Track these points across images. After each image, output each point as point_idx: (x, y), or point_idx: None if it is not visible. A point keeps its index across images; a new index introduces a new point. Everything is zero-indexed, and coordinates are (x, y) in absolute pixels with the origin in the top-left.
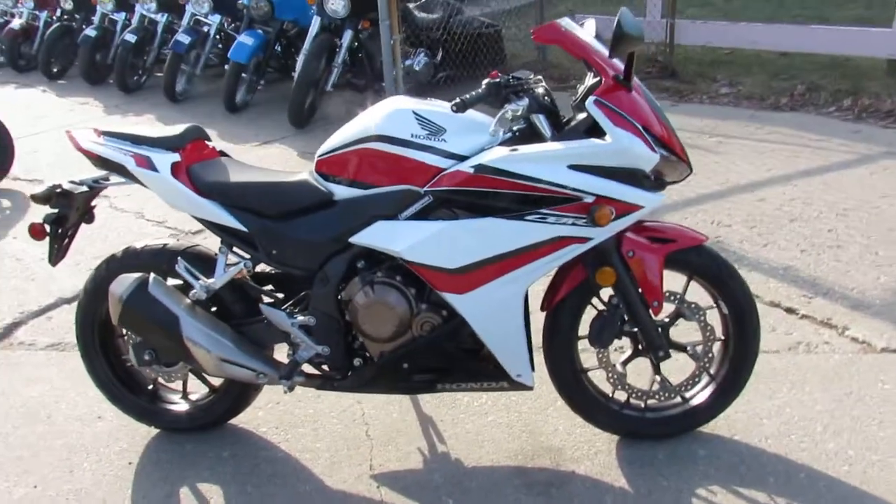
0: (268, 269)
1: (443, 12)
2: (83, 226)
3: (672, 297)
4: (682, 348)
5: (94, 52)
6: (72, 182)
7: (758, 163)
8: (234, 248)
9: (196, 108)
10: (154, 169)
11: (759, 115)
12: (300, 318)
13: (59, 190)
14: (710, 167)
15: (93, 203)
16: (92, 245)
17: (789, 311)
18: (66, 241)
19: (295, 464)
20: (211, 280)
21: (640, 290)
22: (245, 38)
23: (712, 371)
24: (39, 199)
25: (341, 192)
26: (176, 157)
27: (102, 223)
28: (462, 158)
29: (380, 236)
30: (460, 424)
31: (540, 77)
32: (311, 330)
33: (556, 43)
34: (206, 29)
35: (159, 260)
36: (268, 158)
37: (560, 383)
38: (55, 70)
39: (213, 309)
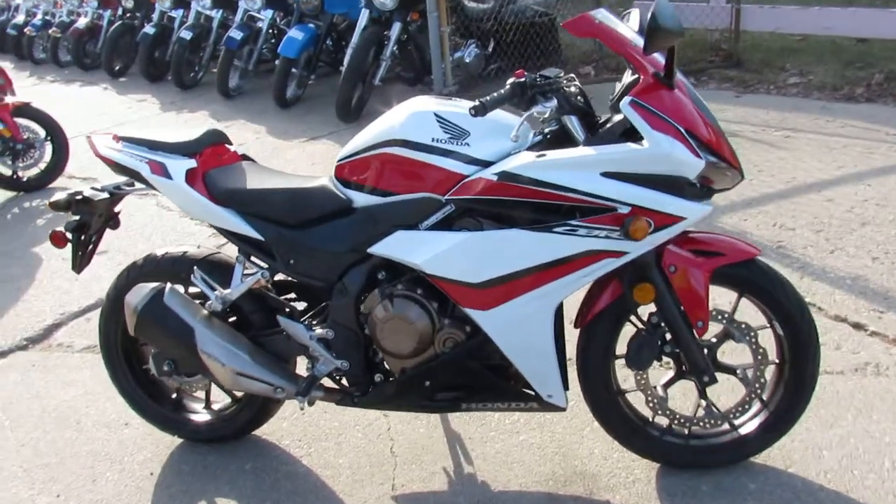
0: (289, 277)
1: (494, 1)
2: (128, 225)
3: (720, 316)
4: (731, 371)
5: (153, 50)
6: (93, 188)
7: (827, 159)
8: (252, 258)
9: (248, 104)
10: (168, 176)
11: (830, 107)
12: (319, 330)
13: (79, 197)
14: (775, 164)
15: (116, 209)
16: (134, 245)
17: (857, 326)
18: (91, 247)
19: (315, 480)
20: (227, 291)
21: (682, 308)
22: (294, 33)
23: (765, 397)
24: (58, 206)
25: (361, 199)
26: (192, 163)
27: (147, 222)
28: (487, 164)
29: (399, 247)
30: (489, 443)
31: (572, 75)
32: (330, 343)
33: (591, 36)
34: (258, 24)
35: (179, 268)
36: (315, 154)
37: (594, 405)
38: (117, 68)
39: (233, 319)
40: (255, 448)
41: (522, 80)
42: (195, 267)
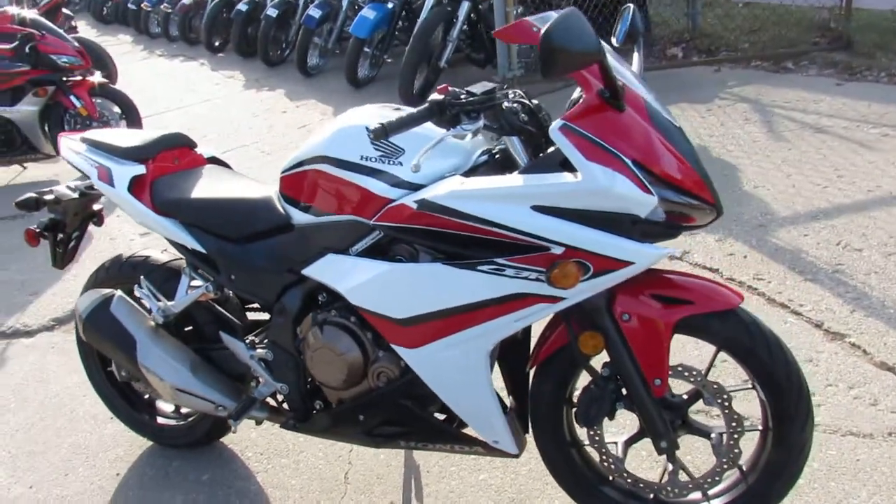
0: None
1: None
2: None
3: (688, 374)
4: (704, 435)
5: (246, 26)
6: (67, 186)
7: None
8: (200, 270)
9: (324, 84)
10: (111, 183)
11: None
12: (260, 350)
13: (48, 197)
14: (860, 168)
15: (97, 207)
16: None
17: None
18: (73, 244)
19: (263, 502)
20: (171, 303)
21: (637, 363)
22: (367, 12)
23: (744, 467)
24: (26, 206)
25: (298, 216)
26: (140, 169)
27: None
28: (417, 188)
29: (329, 271)
30: (446, 480)
31: (518, 90)
32: (270, 365)
33: (528, 43)
34: (338, 2)
35: (139, 273)
36: None
37: (544, 454)
38: (217, 43)
39: (188, 328)
40: (217, 458)
41: (441, 97)
42: (142, 276)
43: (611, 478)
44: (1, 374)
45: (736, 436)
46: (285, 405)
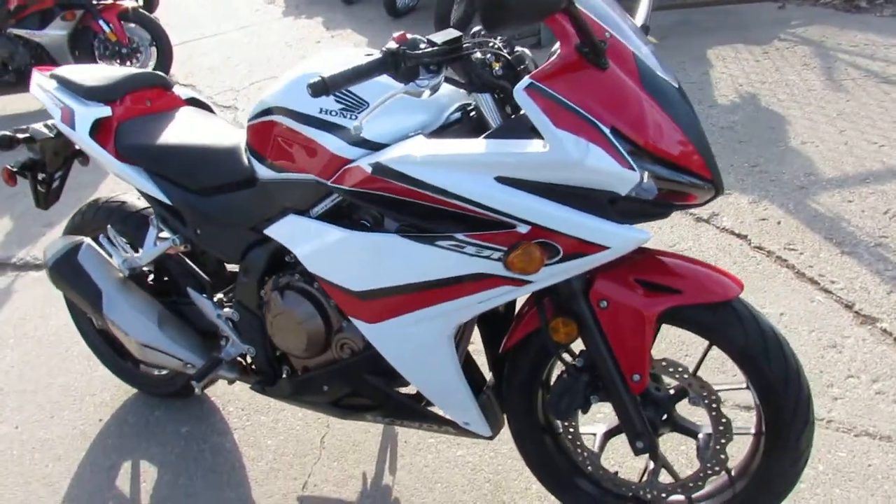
0: None
1: None
2: None
3: (674, 370)
4: (691, 433)
5: None
6: (44, 125)
7: None
8: (168, 222)
9: (363, 12)
10: (73, 126)
11: None
12: (227, 310)
13: (22, 136)
14: None
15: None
16: None
17: None
18: (55, 184)
19: (236, 461)
20: (137, 255)
21: (614, 355)
22: None
23: (734, 473)
24: None
25: (262, 171)
26: (105, 111)
27: None
28: (378, 147)
29: (288, 233)
30: (422, 453)
31: (493, 40)
32: (237, 326)
33: None
34: None
35: (112, 219)
36: None
37: (518, 442)
38: None
39: (164, 280)
40: (198, 411)
41: (395, 48)
42: (108, 226)
43: (586, 471)
44: (6, 308)
45: (723, 440)
46: (253, 367)
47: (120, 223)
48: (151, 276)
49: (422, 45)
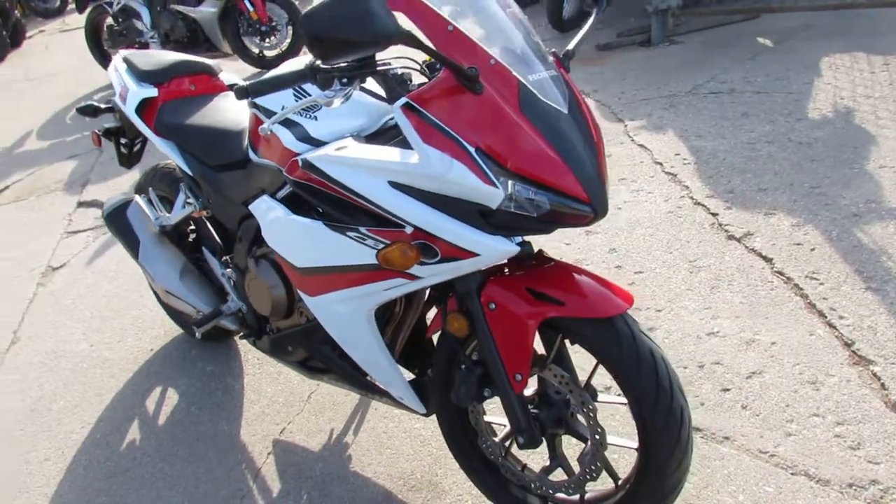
0: None
1: None
2: None
3: (557, 376)
4: (581, 438)
5: None
6: None
7: None
8: (193, 189)
9: None
10: (125, 102)
11: None
12: (229, 270)
13: (103, 106)
14: None
15: None
16: None
17: None
18: (136, 147)
19: (237, 402)
20: (168, 215)
21: (499, 354)
22: None
23: (620, 482)
24: (84, 112)
25: (252, 155)
26: (152, 91)
27: None
28: (320, 145)
29: (260, 210)
30: (386, 421)
31: (418, 58)
32: (235, 284)
33: (403, 11)
34: None
35: (164, 182)
36: None
37: (438, 418)
38: None
39: (193, 237)
40: (225, 355)
41: (311, 60)
42: (150, 188)
43: (488, 457)
44: (117, 245)
45: (599, 449)
46: (247, 322)
47: (167, 186)
48: (192, 236)
49: (342, 62)
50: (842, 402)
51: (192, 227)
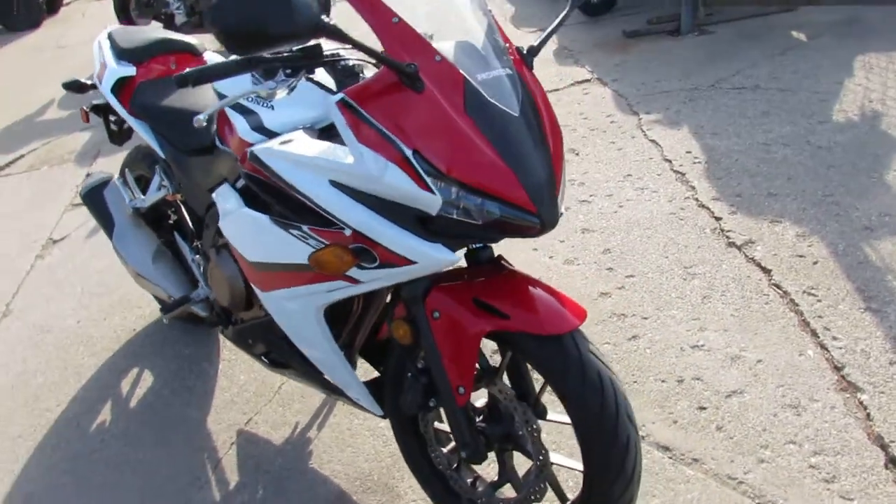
0: None
1: None
2: None
3: (502, 393)
4: (530, 455)
5: None
6: None
7: None
8: (167, 172)
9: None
10: (102, 81)
11: None
12: (198, 256)
13: (89, 82)
14: None
15: None
16: None
17: None
18: (126, 125)
19: (209, 387)
20: (143, 197)
21: (443, 365)
22: None
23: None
24: (69, 87)
25: (217, 142)
26: (130, 70)
27: None
28: (273, 136)
29: (219, 199)
30: (350, 417)
31: (347, 47)
32: (203, 271)
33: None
34: None
35: (146, 163)
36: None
37: (393, 425)
38: None
39: (173, 220)
40: (204, 338)
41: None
42: (126, 168)
43: (436, 465)
44: None
45: (542, 471)
46: (215, 310)
47: (147, 167)
48: (172, 218)
49: (284, 53)
50: (822, 430)
51: (173, 209)
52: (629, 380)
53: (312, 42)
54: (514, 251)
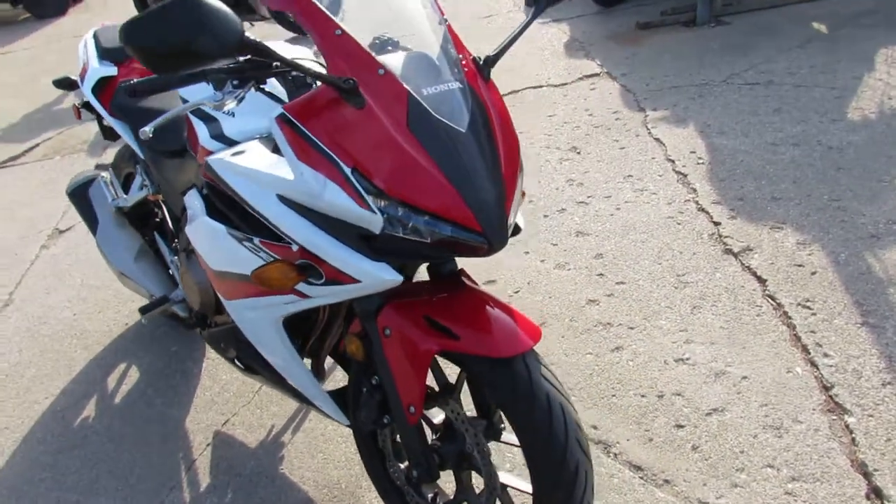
0: None
1: None
2: None
3: (454, 413)
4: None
5: None
6: None
7: None
8: (148, 172)
9: None
10: (83, 81)
11: None
12: (175, 257)
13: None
14: None
15: None
16: None
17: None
18: None
19: (192, 386)
20: (125, 197)
21: (394, 383)
22: None
23: None
24: (59, 85)
25: (188, 146)
26: (112, 70)
27: None
28: (232, 145)
29: (188, 203)
30: (325, 422)
31: (292, 60)
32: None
33: (288, 9)
34: None
35: (132, 161)
36: (540, 39)
37: (356, 441)
38: None
39: (158, 219)
40: (194, 336)
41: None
42: (110, 168)
43: (392, 478)
44: None
45: (492, 492)
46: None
47: (134, 166)
48: (157, 218)
49: (234, 64)
50: (803, 454)
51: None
52: (608, 393)
53: (242, 59)
54: (504, 255)
